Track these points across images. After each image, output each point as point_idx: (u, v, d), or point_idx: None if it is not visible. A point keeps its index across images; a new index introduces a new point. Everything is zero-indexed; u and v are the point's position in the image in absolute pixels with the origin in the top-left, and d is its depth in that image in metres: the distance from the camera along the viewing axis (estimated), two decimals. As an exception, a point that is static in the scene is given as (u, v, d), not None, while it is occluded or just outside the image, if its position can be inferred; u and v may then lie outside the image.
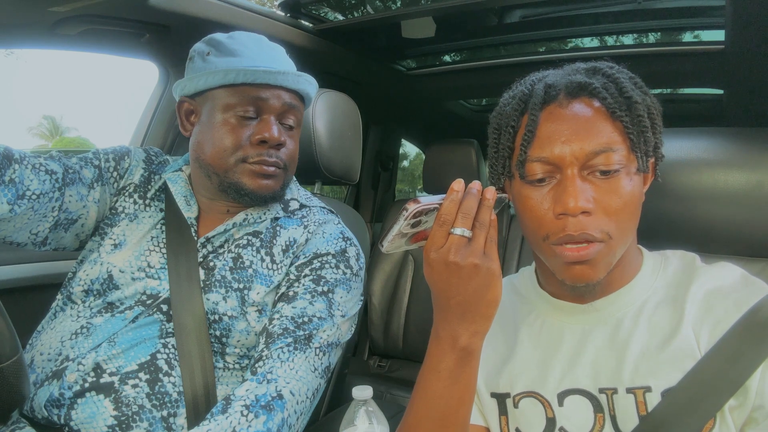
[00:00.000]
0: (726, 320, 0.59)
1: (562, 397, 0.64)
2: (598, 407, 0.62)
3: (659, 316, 0.63)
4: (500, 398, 0.69)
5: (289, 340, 0.79)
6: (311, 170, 1.17)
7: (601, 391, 0.62)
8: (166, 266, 0.85)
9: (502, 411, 0.69)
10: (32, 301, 1.13)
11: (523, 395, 0.67)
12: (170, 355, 0.80)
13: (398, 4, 1.70)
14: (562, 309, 0.68)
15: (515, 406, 0.67)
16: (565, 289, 0.65)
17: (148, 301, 0.83)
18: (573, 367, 0.65)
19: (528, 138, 0.61)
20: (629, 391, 0.60)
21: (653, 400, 0.59)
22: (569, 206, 0.57)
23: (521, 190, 0.63)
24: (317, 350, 0.81)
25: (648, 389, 0.59)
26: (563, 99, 0.61)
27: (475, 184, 0.57)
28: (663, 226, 0.80)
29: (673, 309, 0.62)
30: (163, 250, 0.87)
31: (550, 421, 0.64)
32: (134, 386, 0.76)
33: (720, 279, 0.63)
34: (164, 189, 0.93)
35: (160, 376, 0.78)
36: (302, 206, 0.96)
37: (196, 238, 0.88)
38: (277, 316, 0.82)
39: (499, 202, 0.61)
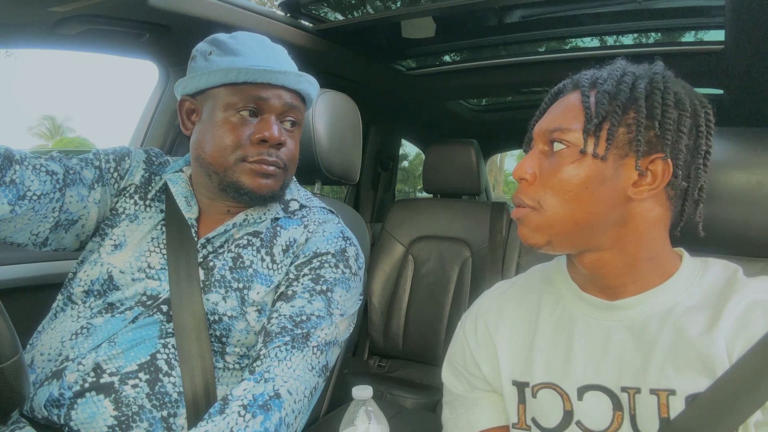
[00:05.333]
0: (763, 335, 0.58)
1: (582, 391, 0.64)
2: (617, 405, 0.62)
3: (689, 319, 0.62)
4: (520, 387, 0.69)
5: (287, 338, 0.79)
6: (311, 170, 1.17)
7: (624, 389, 0.62)
8: (167, 267, 0.85)
9: (521, 400, 0.69)
10: (32, 301, 1.13)
11: (542, 386, 0.67)
12: (170, 356, 0.80)
13: (398, 4, 1.70)
14: (590, 303, 0.68)
15: (533, 396, 0.67)
16: (583, 276, 0.68)
17: (148, 302, 0.83)
18: (596, 362, 0.64)
19: (536, 120, 0.71)
20: (653, 392, 0.60)
21: (676, 403, 0.59)
22: (514, 173, 0.66)
23: None
24: (315, 349, 0.81)
25: (672, 392, 0.59)
26: (569, 91, 0.68)
27: None
28: None
29: (706, 316, 0.61)
30: (164, 251, 0.87)
31: (568, 414, 0.64)
32: (134, 386, 0.76)
33: (762, 293, 0.61)
34: (165, 190, 0.93)
35: (160, 376, 0.78)
36: (302, 206, 0.96)
37: (196, 238, 0.88)
38: (275, 315, 0.83)
39: None
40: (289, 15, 1.52)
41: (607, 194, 0.62)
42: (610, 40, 1.78)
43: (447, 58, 2.02)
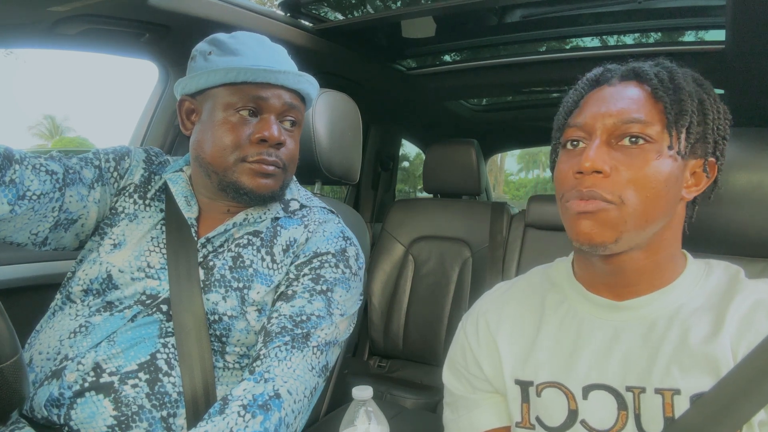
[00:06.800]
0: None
1: (587, 390, 0.64)
2: (622, 405, 0.62)
3: (695, 320, 0.62)
4: (523, 386, 0.69)
5: (287, 338, 0.79)
6: (311, 170, 1.17)
7: (629, 389, 0.62)
8: (166, 266, 0.85)
9: (525, 399, 0.69)
10: (32, 301, 1.13)
11: (546, 385, 0.67)
12: (170, 355, 0.80)
13: (398, 4, 1.70)
14: (596, 303, 0.68)
15: (538, 395, 0.67)
16: (597, 276, 0.67)
17: (148, 301, 0.83)
18: (602, 362, 0.65)
19: (571, 108, 0.67)
20: (658, 391, 0.60)
21: (680, 403, 0.59)
22: (584, 165, 0.60)
23: (560, 158, 0.67)
24: (315, 349, 0.81)
25: (677, 392, 0.59)
26: (615, 81, 0.66)
27: None
28: None
29: (711, 317, 0.62)
30: (163, 251, 0.87)
31: (572, 413, 0.64)
32: (134, 386, 0.76)
33: (765, 294, 0.62)
34: (164, 189, 0.93)
35: (160, 376, 0.78)
36: (302, 206, 0.96)
37: (196, 238, 0.88)
38: (275, 314, 0.82)
39: None
40: (289, 15, 1.52)
41: (674, 192, 0.63)
42: (611, 40, 1.78)
43: (447, 57, 2.02)
